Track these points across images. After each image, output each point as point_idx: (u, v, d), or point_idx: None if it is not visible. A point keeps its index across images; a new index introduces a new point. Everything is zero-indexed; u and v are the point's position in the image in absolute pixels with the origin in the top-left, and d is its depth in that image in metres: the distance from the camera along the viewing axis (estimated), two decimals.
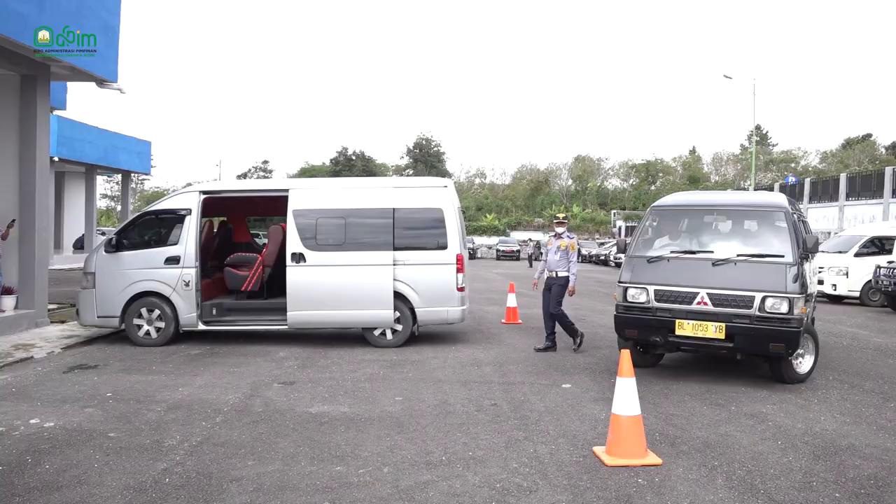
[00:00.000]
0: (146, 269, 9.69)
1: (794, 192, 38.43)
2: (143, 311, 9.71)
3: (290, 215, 9.71)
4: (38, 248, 10.96)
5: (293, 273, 9.56)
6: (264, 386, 7.32)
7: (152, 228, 10.49)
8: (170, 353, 9.16)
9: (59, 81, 12.02)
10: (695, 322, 7.30)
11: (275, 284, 10.60)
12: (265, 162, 73.61)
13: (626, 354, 5.18)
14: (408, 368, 8.25)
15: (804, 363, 7.68)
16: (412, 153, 70.78)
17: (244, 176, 67.39)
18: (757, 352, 7.32)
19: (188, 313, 9.66)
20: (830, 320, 12.94)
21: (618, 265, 34.48)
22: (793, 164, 62.33)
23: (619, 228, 60.35)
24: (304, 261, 9.55)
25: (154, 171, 57.33)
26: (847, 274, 16.76)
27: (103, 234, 25.79)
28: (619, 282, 7.91)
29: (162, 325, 9.70)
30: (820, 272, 16.46)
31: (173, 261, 9.72)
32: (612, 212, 64.73)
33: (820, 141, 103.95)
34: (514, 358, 8.99)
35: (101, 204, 53.98)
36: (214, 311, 10.06)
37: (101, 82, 11.65)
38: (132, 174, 32.51)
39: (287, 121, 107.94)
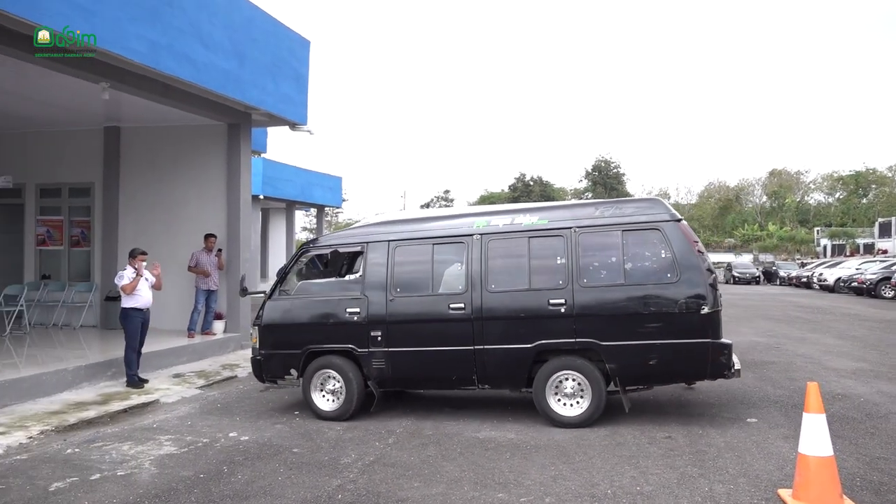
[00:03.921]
0: None
1: None
2: None
3: None
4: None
5: None
6: (436, 409, 7.51)
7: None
8: None
9: (258, 127, 13.37)
10: None
11: None
12: (446, 191, 76.53)
13: (813, 388, 4.67)
14: None
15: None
16: (591, 176, 69.81)
17: (427, 205, 70.27)
18: None
19: None
20: None
21: (822, 287, 31.14)
22: None
23: (824, 247, 54.86)
24: None
25: (345, 203, 61.41)
26: None
27: None
28: None
29: None
30: None
31: None
32: (816, 229, 59.06)
33: None
34: (694, 387, 8.43)
35: (301, 236, 58.93)
36: None
37: (293, 125, 12.82)
38: (326, 208, 35.18)
39: (467, 150, 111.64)
